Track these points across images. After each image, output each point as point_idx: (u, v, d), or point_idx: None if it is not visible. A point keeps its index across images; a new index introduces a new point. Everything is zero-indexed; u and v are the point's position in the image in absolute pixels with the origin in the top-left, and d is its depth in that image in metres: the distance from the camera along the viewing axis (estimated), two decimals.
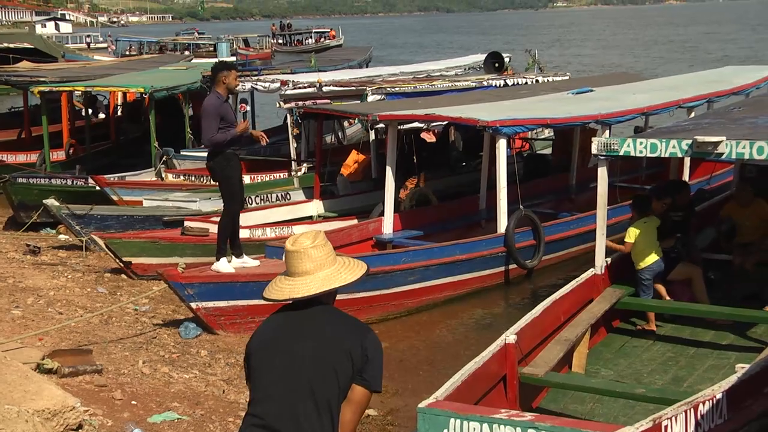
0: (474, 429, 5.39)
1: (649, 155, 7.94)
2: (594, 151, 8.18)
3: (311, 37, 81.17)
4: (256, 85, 16.08)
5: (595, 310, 8.27)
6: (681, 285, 9.11)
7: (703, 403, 5.70)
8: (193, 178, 15.59)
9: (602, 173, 8.42)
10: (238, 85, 10.62)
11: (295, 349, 3.52)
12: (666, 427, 5.36)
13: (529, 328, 7.35)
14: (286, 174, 15.26)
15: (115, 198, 14.26)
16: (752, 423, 6.13)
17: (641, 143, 7.85)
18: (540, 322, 7.62)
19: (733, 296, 9.27)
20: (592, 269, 8.75)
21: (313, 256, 3.60)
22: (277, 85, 15.69)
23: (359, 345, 3.50)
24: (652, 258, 8.81)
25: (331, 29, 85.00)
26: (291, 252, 3.62)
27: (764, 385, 6.32)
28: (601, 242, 8.69)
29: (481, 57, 22.78)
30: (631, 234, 8.91)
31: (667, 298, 9.00)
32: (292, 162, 15.47)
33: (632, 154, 7.99)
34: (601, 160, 8.32)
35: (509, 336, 6.95)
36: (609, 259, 8.90)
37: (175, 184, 15.13)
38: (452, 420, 5.43)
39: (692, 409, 5.59)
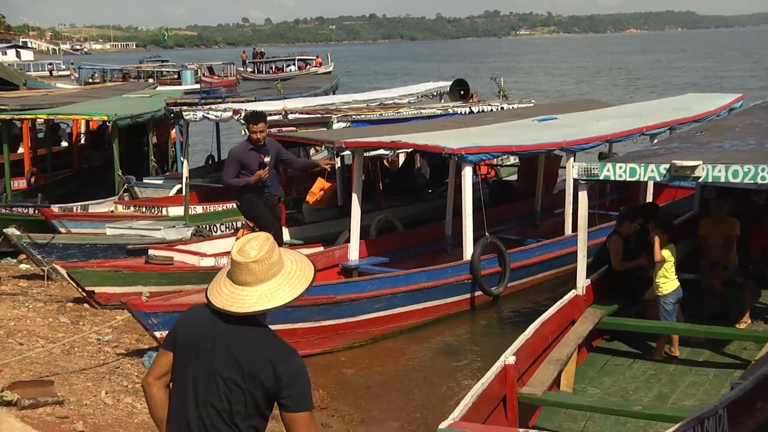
0: None
1: (628, 179, 8.09)
2: (575, 175, 8.33)
3: (294, 64, 78.45)
4: (208, 114, 15.94)
5: (580, 330, 8.50)
6: (655, 304, 9.26)
7: (708, 418, 5.94)
8: (144, 209, 15.17)
9: (583, 197, 8.60)
10: (261, 139, 10.90)
11: (217, 365, 3.58)
12: None
13: (523, 349, 7.53)
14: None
15: (63, 230, 13.95)
16: None
17: (621, 168, 8.00)
18: (532, 343, 7.80)
19: (702, 314, 9.54)
20: (573, 291, 8.90)
21: (253, 270, 3.60)
22: (230, 114, 15.62)
23: (272, 375, 3.53)
24: (676, 284, 8.90)
25: (317, 56, 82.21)
26: (233, 262, 3.63)
27: (757, 401, 6.58)
28: (582, 264, 8.82)
29: (433, 85, 22.85)
30: (666, 253, 8.86)
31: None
32: None
33: (612, 178, 8.14)
34: (582, 185, 8.49)
35: (508, 357, 7.10)
36: (588, 280, 9.08)
37: (126, 216, 14.72)
38: None
39: (699, 425, 5.83)
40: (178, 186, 16.14)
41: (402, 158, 18.04)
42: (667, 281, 8.89)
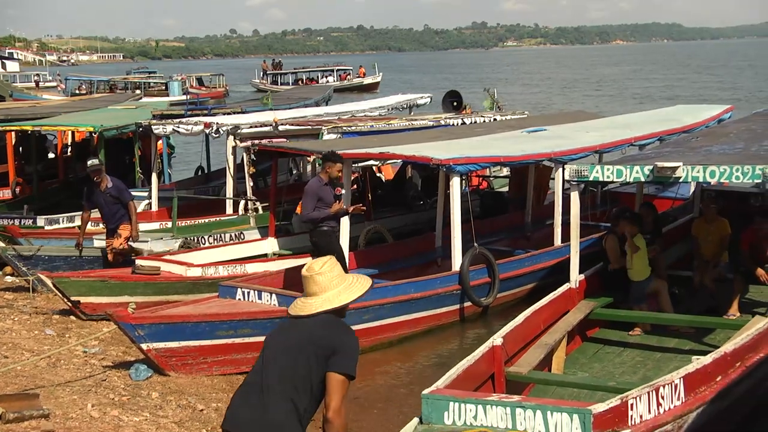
0: (470, 410, 6.25)
1: (615, 180, 8.93)
2: (567, 176, 9.04)
3: (332, 75, 74.68)
4: (178, 127, 15.83)
5: (571, 319, 9.19)
6: (649, 298, 9.93)
7: (663, 386, 6.51)
8: None
9: (574, 197, 9.32)
10: (340, 176, 11.42)
11: (278, 342, 4.48)
12: (632, 405, 6.18)
13: (512, 333, 8.19)
14: (219, 217, 15.08)
15: None
16: (704, 407, 6.84)
17: (608, 169, 8.80)
18: (522, 329, 8.48)
19: (694, 309, 10.09)
20: (567, 283, 9.64)
21: (317, 280, 4.49)
22: (200, 127, 15.53)
23: (329, 341, 4.44)
24: (645, 274, 9.74)
25: (360, 66, 78.99)
26: (303, 276, 4.53)
27: (717, 375, 7.10)
28: (575, 259, 9.50)
29: (403, 97, 22.82)
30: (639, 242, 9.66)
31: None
32: (248, 201, 15.29)
33: (600, 179, 8.92)
34: (573, 185, 9.21)
35: (496, 339, 7.76)
36: (582, 275, 9.70)
37: (95, 232, 14.45)
38: (452, 403, 6.30)
39: (654, 391, 6.40)
40: (146, 202, 16.03)
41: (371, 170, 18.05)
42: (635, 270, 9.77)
